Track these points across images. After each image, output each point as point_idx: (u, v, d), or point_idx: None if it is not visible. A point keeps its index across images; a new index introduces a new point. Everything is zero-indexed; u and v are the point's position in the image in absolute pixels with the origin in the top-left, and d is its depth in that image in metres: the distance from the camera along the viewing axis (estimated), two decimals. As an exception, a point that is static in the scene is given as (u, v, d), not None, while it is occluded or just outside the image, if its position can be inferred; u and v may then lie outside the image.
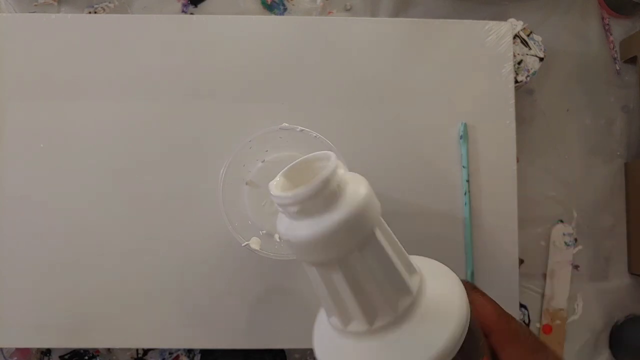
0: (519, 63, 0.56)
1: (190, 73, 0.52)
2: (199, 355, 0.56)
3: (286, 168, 0.24)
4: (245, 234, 0.41)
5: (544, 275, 0.60)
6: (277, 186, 0.23)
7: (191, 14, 0.61)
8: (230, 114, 0.52)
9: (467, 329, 0.24)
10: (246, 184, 0.48)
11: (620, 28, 0.64)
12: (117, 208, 0.51)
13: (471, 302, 0.26)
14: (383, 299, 0.23)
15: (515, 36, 0.56)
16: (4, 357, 0.55)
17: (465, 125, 0.51)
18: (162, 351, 0.56)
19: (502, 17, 0.60)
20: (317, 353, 0.26)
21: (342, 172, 0.22)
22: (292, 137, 0.43)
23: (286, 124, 0.41)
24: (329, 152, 0.23)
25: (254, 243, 0.40)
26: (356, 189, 0.23)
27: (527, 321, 0.58)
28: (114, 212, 0.51)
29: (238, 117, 0.52)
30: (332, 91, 0.52)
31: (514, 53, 0.54)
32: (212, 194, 0.51)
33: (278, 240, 0.46)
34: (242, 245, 0.39)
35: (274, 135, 0.43)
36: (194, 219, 0.50)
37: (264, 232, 0.47)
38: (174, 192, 0.51)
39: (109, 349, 0.56)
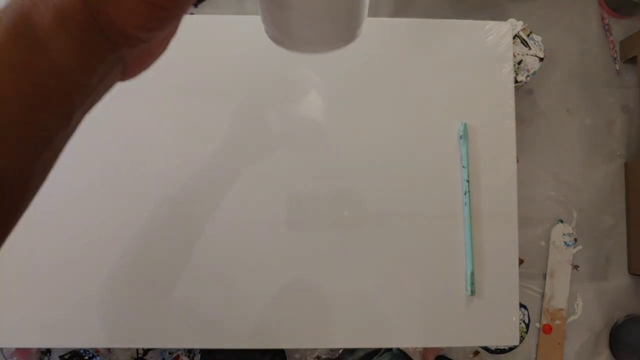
0: (519, 63, 0.56)
1: (189, 72, 0.52)
2: (199, 355, 0.56)
3: None
4: None
5: (544, 275, 0.60)
6: None
7: (191, 14, 0.61)
8: (229, 114, 0.52)
9: None
10: None
11: (620, 28, 0.64)
12: (117, 208, 0.51)
13: None
14: None
15: (515, 36, 0.56)
16: (4, 357, 0.55)
17: (465, 125, 0.51)
18: (162, 351, 0.56)
19: (502, 17, 0.60)
20: None
21: None
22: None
23: None
24: None
25: None
26: None
27: (527, 321, 0.58)
28: (114, 212, 0.51)
29: (237, 117, 0.52)
30: (331, 91, 0.52)
31: (513, 53, 0.54)
32: (212, 197, 0.51)
33: None
34: None
35: None
36: (194, 222, 0.50)
37: None
38: (173, 193, 0.51)
39: (109, 349, 0.56)
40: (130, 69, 0.24)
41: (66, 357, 0.56)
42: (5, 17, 0.19)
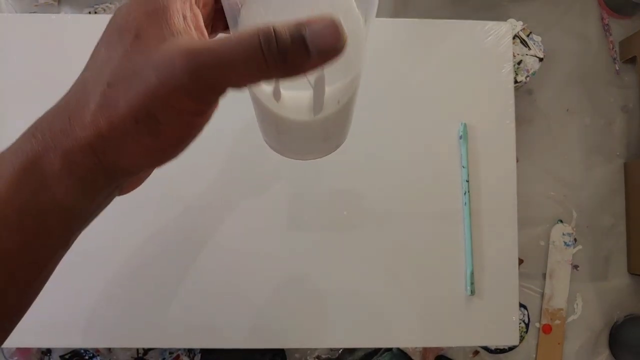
0: (519, 63, 0.56)
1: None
2: (199, 355, 0.56)
3: None
4: None
5: (544, 275, 0.60)
6: None
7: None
8: (226, 114, 0.52)
9: None
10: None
11: (619, 28, 0.64)
12: (117, 208, 0.51)
13: None
14: None
15: (515, 36, 0.56)
16: (5, 357, 0.55)
17: (465, 125, 0.51)
18: (162, 351, 0.56)
19: (502, 18, 0.60)
20: None
21: None
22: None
23: None
24: None
25: None
26: None
27: (526, 321, 0.58)
28: (114, 213, 0.50)
29: (234, 118, 0.52)
30: (332, 91, 0.52)
31: (513, 53, 0.54)
32: (212, 197, 0.51)
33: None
34: None
35: None
36: (194, 222, 0.50)
37: None
38: (172, 194, 0.51)
39: (109, 349, 0.56)
40: (127, 189, 0.26)
41: (66, 357, 0.56)
42: (15, 161, 0.20)
